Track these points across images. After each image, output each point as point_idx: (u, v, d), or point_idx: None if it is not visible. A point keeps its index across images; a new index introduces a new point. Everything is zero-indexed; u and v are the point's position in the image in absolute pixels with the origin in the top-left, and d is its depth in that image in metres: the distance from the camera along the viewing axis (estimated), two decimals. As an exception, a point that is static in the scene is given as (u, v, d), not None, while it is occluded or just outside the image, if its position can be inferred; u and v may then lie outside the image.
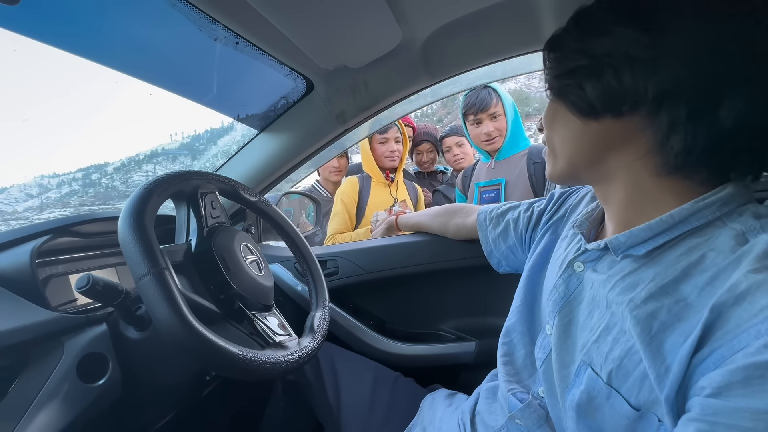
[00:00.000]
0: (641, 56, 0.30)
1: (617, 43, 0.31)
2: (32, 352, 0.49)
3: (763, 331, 0.25)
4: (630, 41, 0.31)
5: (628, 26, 0.31)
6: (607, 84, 0.32)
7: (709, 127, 0.29)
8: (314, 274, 0.75)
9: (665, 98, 0.30)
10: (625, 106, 0.32)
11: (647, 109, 0.31)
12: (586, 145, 0.36)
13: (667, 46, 0.29)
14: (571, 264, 0.43)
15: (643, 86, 0.30)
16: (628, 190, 0.35)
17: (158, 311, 0.43)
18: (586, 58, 0.33)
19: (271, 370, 0.49)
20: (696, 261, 0.30)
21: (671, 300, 0.30)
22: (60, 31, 0.52)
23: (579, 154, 0.37)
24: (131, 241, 0.45)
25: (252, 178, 0.94)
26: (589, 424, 0.36)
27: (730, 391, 0.25)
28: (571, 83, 0.35)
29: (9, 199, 4.76)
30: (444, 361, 0.89)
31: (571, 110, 0.36)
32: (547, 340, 0.44)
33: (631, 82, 0.31)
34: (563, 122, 0.37)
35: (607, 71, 0.32)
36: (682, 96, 0.30)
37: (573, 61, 0.34)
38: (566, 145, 0.38)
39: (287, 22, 0.61)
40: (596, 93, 0.33)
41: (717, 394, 0.26)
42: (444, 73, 0.79)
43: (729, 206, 0.31)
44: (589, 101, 0.34)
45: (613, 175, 0.36)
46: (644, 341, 0.31)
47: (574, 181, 0.43)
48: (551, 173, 0.41)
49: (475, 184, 1.41)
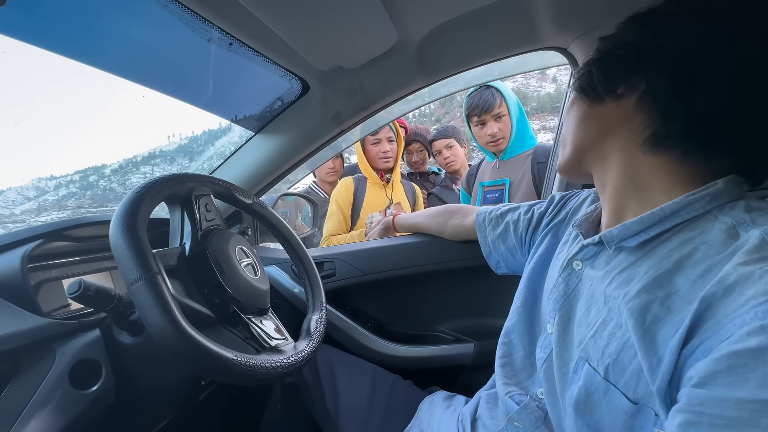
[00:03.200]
0: (642, 47, 0.36)
1: (625, 37, 0.38)
2: (23, 359, 0.48)
3: (747, 320, 0.25)
4: (635, 35, 0.37)
5: (639, 26, 0.38)
6: (610, 69, 0.39)
7: (686, 109, 0.34)
8: (311, 276, 0.75)
9: (652, 81, 0.35)
10: (621, 87, 0.37)
11: (639, 91, 0.36)
12: (589, 127, 0.41)
13: (665, 39, 0.35)
14: (570, 262, 0.43)
15: (637, 69, 0.36)
16: (621, 173, 0.39)
17: (150, 317, 0.42)
18: (598, 52, 0.40)
19: (266, 374, 0.49)
20: (688, 254, 0.31)
21: (664, 292, 0.31)
22: (49, 33, 0.51)
23: (583, 137, 0.42)
24: (123, 245, 0.44)
25: (248, 180, 0.93)
26: (587, 421, 0.36)
27: (714, 380, 0.25)
28: (584, 72, 0.41)
29: (6, 202, 4.74)
30: (442, 362, 0.88)
31: (582, 97, 0.42)
32: (548, 340, 0.45)
33: (628, 65, 0.37)
34: (575, 108, 0.43)
35: (611, 59, 0.39)
36: (666, 81, 0.35)
37: (588, 59, 0.42)
38: (574, 127, 0.43)
39: (281, 23, 0.60)
40: (601, 77, 0.39)
41: (702, 383, 0.26)
42: (440, 74, 0.79)
43: (719, 201, 0.33)
44: (593, 85, 0.40)
45: (608, 155, 0.40)
46: (638, 333, 0.31)
47: (579, 168, 0.45)
48: (560, 163, 0.46)
49: (479, 183, 1.39)
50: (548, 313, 0.45)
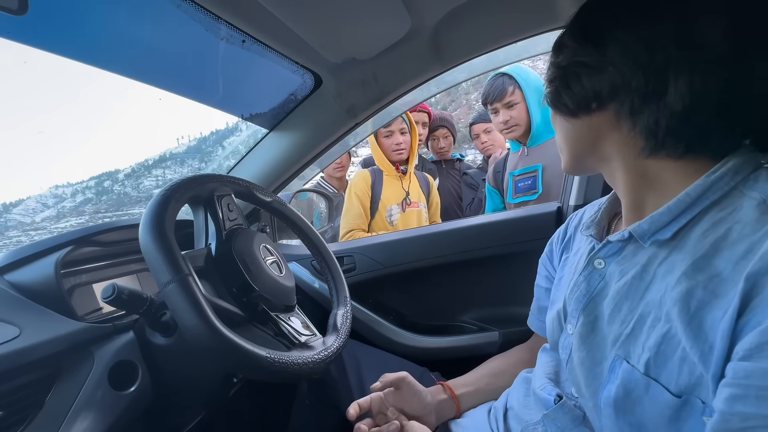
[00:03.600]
0: (588, 62, 0.36)
1: (573, 55, 0.38)
2: (64, 363, 0.49)
3: None
4: (583, 53, 0.37)
5: (579, 41, 0.38)
6: (574, 89, 0.38)
7: (664, 110, 0.33)
8: (333, 271, 0.75)
9: (619, 92, 0.35)
10: (594, 104, 0.37)
11: (611, 103, 0.36)
12: (579, 139, 0.41)
13: (610, 52, 0.35)
14: (591, 261, 0.42)
15: (599, 86, 0.36)
16: (627, 172, 0.38)
17: (185, 318, 0.43)
18: (557, 69, 0.40)
19: (299, 370, 0.49)
20: (723, 235, 0.31)
21: (705, 276, 0.30)
22: (68, 40, 0.52)
23: (576, 147, 0.42)
24: (153, 249, 0.45)
25: (265, 177, 0.94)
26: (629, 420, 0.35)
27: (760, 352, 0.25)
28: (552, 91, 0.41)
29: (27, 211, 4.90)
30: (468, 352, 0.88)
31: (558, 114, 0.42)
32: (568, 340, 0.44)
33: (590, 85, 0.37)
34: (558, 123, 0.43)
35: (571, 78, 0.38)
36: (632, 88, 0.34)
37: (551, 73, 0.41)
38: (565, 141, 0.43)
39: (293, 15, 0.59)
40: (569, 97, 0.39)
41: (749, 356, 0.26)
42: (456, 60, 0.77)
43: (741, 174, 0.32)
44: (566, 104, 0.40)
45: (609, 158, 0.40)
46: (684, 321, 0.30)
47: (583, 170, 0.46)
48: (564, 167, 0.46)
49: (509, 173, 1.37)
50: (570, 314, 0.44)
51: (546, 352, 0.53)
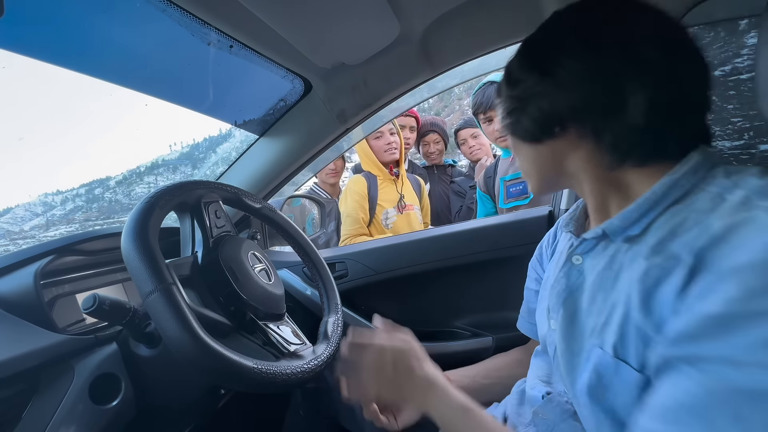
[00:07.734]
0: (545, 91, 0.38)
1: (528, 86, 0.40)
2: (42, 377, 0.47)
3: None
4: (535, 83, 0.39)
5: (532, 73, 0.40)
6: (533, 116, 0.40)
7: (625, 126, 0.35)
8: (324, 278, 0.73)
9: (580, 113, 0.37)
10: (556, 128, 0.39)
11: (574, 124, 0.38)
12: (545, 162, 0.43)
13: (561, 79, 0.37)
14: (570, 258, 0.43)
15: (557, 111, 0.38)
16: (595, 185, 0.40)
17: (168, 329, 0.41)
18: (515, 100, 0.42)
19: (287, 381, 0.48)
20: (680, 222, 0.33)
21: (662, 258, 0.32)
22: (46, 44, 0.50)
23: (543, 170, 0.44)
24: (136, 257, 0.43)
25: (255, 184, 0.92)
26: (603, 406, 0.35)
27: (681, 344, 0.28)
28: (512, 120, 0.43)
29: (15, 219, 4.79)
30: (463, 357, 0.87)
31: (520, 141, 0.43)
32: (552, 336, 0.44)
33: (548, 110, 0.39)
34: (521, 151, 0.45)
35: (529, 107, 0.40)
36: (592, 108, 0.37)
37: (508, 104, 0.43)
38: (532, 166, 0.44)
39: (281, 21, 0.59)
40: (529, 124, 0.40)
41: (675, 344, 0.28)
42: (446, 64, 0.77)
43: (701, 172, 0.35)
44: (528, 131, 0.41)
45: (576, 174, 0.41)
46: (640, 299, 0.32)
47: (553, 189, 0.48)
48: (532, 190, 0.47)
49: (500, 179, 1.37)
50: (552, 309, 0.45)
51: (538, 355, 0.53)
